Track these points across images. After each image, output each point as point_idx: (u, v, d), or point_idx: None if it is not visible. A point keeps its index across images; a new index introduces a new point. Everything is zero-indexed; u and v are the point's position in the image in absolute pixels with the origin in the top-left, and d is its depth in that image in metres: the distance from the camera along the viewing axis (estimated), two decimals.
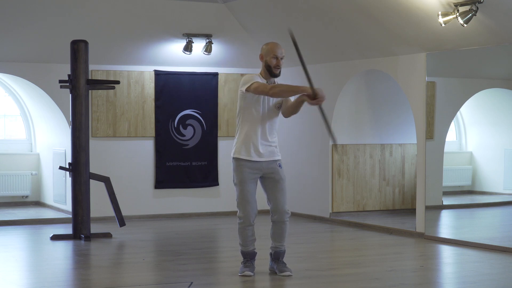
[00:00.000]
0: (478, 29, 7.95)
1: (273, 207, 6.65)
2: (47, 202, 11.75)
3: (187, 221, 10.76)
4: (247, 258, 6.74)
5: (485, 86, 9.85)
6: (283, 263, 6.73)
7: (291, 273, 6.68)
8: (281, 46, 6.66)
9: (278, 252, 6.71)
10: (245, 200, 6.64)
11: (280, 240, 6.68)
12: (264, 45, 6.67)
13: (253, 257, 6.76)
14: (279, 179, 6.65)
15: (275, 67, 6.57)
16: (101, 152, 10.66)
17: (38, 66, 10.47)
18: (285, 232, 6.69)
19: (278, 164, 6.65)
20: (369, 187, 10.81)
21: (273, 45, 6.62)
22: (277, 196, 6.65)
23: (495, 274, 7.04)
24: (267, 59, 6.58)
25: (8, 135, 12.35)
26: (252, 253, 6.74)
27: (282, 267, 6.72)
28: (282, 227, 6.66)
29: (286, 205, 6.67)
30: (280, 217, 6.64)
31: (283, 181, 6.67)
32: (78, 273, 7.11)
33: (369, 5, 8.63)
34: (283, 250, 6.72)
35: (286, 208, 6.66)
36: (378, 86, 10.75)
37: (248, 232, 6.66)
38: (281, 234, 6.68)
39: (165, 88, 11.01)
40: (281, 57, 6.59)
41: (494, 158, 10.44)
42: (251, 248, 6.72)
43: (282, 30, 10.13)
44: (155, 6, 9.92)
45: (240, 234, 6.69)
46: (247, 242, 6.68)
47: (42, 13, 9.55)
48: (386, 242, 8.86)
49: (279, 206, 6.63)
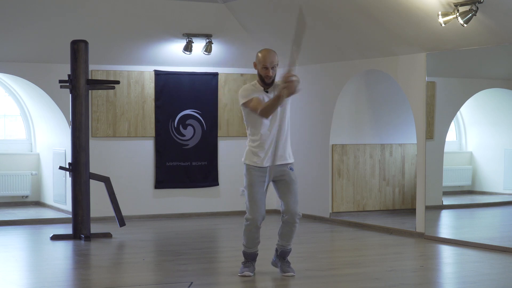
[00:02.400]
0: (478, 29, 7.95)
1: (285, 209, 6.65)
2: (47, 202, 11.75)
3: (187, 221, 10.76)
4: (248, 259, 6.74)
5: (485, 86, 9.85)
6: (288, 262, 6.74)
7: (294, 274, 6.69)
8: (274, 53, 6.60)
9: (284, 251, 6.72)
10: (252, 202, 6.60)
11: (287, 240, 6.70)
12: (258, 53, 6.63)
13: (254, 258, 6.76)
14: (290, 181, 6.64)
15: (266, 77, 6.56)
16: (101, 152, 10.66)
17: (38, 66, 10.47)
18: (294, 233, 6.69)
19: (289, 168, 6.64)
20: (369, 187, 10.81)
21: (264, 54, 6.56)
22: (288, 198, 6.64)
23: (495, 274, 7.04)
24: (258, 69, 6.59)
25: (8, 135, 12.35)
26: (254, 254, 6.74)
27: (285, 267, 6.72)
28: (292, 228, 6.67)
29: (297, 207, 6.66)
30: (291, 219, 6.64)
31: (294, 183, 6.65)
32: (78, 273, 7.11)
33: (369, 5, 8.63)
34: (289, 249, 6.74)
35: (297, 210, 6.65)
36: (378, 86, 10.75)
37: (254, 234, 6.65)
38: (289, 235, 6.69)
39: (165, 88, 11.01)
40: (271, 66, 6.54)
41: (494, 158, 10.44)
42: (254, 250, 6.72)
43: (282, 30, 10.14)
44: (155, 6, 9.92)
45: (245, 235, 6.68)
46: (251, 243, 6.68)
47: (42, 13, 9.55)
48: (386, 242, 8.86)
49: (290, 208, 6.63)
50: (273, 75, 6.58)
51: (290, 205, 6.63)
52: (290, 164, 6.67)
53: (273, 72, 6.57)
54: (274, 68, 6.57)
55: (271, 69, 6.54)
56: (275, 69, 6.59)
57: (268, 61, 6.52)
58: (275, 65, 6.57)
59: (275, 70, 6.59)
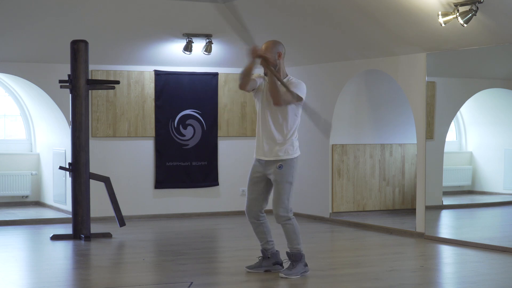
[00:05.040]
0: (478, 29, 7.95)
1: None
2: (47, 202, 11.75)
3: (187, 221, 10.76)
4: (261, 255, 6.80)
5: (485, 86, 9.85)
6: (292, 265, 6.64)
7: (286, 276, 6.59)
8: (269, 42, 6.66)
9: (288, 253, 6.68)
10: (247, 198, 6.74)
11: (288, 241, 6.66)
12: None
13: (263, 254, 6.77)
14: (274, 181, 6.59)
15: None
16: (101, 152, 10.66)
17: (38, 66, 10.47)
18: (288, 234, 6.61)
19: (277, 166, 6.55)
20: (369, 187, 10.81)
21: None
22: (273, 199, 6.65)
23: (495, 274, 7.04)
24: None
25: (8, 135, 12.35)
26: (262, 250, 6.79)
27: (285, 269, 6.69)
28: (283, 229, 6.66)
29: (279, 208, 6.55)
30: (276, 221, 6.64)
31: (277, 183, 6.56)
32: (78, 273, 7.11)
33: (369, 5, 8.63)
34: (291, 252, 6.65)
35: (279, 212, 6.56)
36: (378, 86, 10.75)
37: (254, 229, 6.75)
38: (286, 236, 6.67)
39: (165, 88, 11.01)
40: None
41: (494, 158, 10.44)
42: (262, 244, 6.75)
43: (282, 30, 10.14)
44: (155, 6, 9.92)
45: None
46: (257, 237, 6.78)
47: (42, 13, 9.55)
48: (386, 242, 8.86)
49: (274, 210, 6.64)
50: (271, 60, 6.50)
51: (273, 207, 6.63)
52: (280, 162, 6.56)
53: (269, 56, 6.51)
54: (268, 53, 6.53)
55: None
56: (269, 55, 6.53)
57: (259, 50, 6.53)
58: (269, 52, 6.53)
59: (270, 56, 6.53)
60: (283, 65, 6.63)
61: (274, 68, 6.50)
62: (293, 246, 6.64)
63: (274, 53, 6.56)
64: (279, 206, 6.55)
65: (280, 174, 6.54)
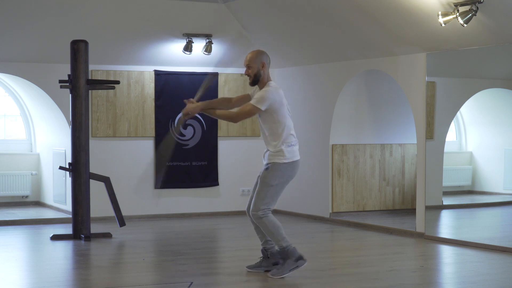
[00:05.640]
0: (478, 29, 7.95)
1: None
2: (47, 202, 11.75)
3: (187, 221, 10.76)
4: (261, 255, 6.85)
5: (485, 86, 9.85)
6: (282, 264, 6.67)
7: (271, 276, 6.61)
8: (252, 53, 6.76)
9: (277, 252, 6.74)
10: (250, 197, 6.87)
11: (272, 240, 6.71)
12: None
13: (264, 255, 6.81)
14: (259, 179, 6.72)
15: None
16: (101, 152, 10.66)
17: (38, 66, 10.47)
18: (265, 232, 6.65)
19: (265, 167, 6.69)
20: (369, 187, 10.81)
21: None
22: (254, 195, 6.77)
23: (495, 274, 7.04)
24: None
25: (8, 135, 12.35)
26: (262, 250, 6.84)
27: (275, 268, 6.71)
28: (258, 224, 6.70)
29: (252, 206, 6.67)
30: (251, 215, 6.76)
31: (260, 182, 6.68)
32: (78, 273, 7.11)
33: (369, 5, 8.63)
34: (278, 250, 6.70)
35: (250, 210, 6.69)
36: (378, 86, 10.75)
37: (253, 226, 6.81)
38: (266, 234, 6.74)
39: (165, 88, 11.01)
40: (245, 65, 6.76)
41: (494, 158, 10.44)
42: (261, 243, 6.80)
43: (282, 30, 10.14)
44: (155, 6, 9.92)
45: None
46: (257, 236, 6.84)
47: (42, 13, 9.55)
48: (386, 242, 8.86)
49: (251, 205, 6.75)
50: (251, 74, 6.68)
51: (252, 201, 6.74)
52: (268, 164, 6.69)
53: (249, 71, 6.68)
54: (249, 67, 6.68)
55: (246, 68, 6.71)
56: (249, 69, 6.69)
57: (245, 60, 6.76)
58: (247, 64, 6.69)
59: (252, 69, 6.67)
60: (267, 74, 6.76)
61: (258, 78, 6.70)
62: (276, 243, 6.69)
63: (258, 63, 6.71)
64: (253, 204, 6.70)
65: (264, 174, 6.69)
